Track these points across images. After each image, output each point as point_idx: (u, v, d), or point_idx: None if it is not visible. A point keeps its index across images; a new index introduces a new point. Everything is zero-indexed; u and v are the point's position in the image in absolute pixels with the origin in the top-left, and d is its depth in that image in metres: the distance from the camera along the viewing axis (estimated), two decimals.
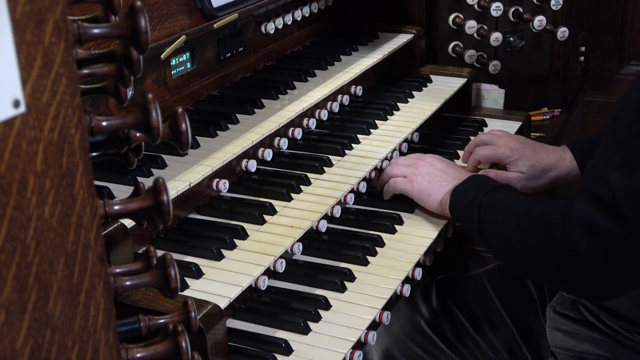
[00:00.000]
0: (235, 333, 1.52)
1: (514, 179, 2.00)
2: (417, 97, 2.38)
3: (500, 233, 1.68)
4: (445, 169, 1.89)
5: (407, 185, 1.89)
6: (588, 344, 1.82)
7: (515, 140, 2.05)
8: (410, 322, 2.14)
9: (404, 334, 2.13)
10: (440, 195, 1.84)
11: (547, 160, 2.00)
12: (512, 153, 2.01)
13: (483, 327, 2.09)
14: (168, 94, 1.91)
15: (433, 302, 2.15)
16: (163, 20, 1.78)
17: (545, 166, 2.00)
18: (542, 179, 2.01)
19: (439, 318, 2.13)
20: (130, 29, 0.91)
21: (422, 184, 1.87)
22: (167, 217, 0.97)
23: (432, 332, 2.10)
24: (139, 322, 1.06)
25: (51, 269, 0.80)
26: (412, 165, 1.92)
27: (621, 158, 1.44)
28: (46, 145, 0.78)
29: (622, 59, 3.38)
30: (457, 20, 2.66)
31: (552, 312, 1.95)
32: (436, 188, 1.86)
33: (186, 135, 0.97)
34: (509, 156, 2.01)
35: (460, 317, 2.10)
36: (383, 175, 1.97)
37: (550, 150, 2.03)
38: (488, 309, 2.10)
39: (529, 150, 2.01)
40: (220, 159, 1.73)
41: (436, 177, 1.87)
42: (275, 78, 2.16)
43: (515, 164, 2.01)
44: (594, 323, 1.83)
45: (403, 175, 1.91)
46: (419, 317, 2.13)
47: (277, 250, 1.62)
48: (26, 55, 0.75)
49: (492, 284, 2.13)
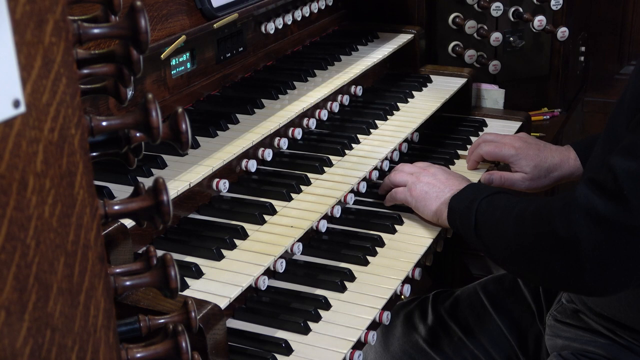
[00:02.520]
0: (235, 333, 1.52)
1: (518, 180, 2.00)
2: (417, 97, 2.38)
3: (497, 230, 1.66)
4: (445, 180, 1.86)
5: (406, 194, 1.88)
6: (591, 347, 1.81)
7: (519, 139, 2.05)
8: (408, 340, 2.13)
9: (404, 353, 2.12)
10: (435, 206, 1.82)
11: (551, 160, 1.99)
12: (516, 152, 2.00)
13: (480, 339, 2.07)
14: (168, 94, 1.91)
15: (429, 318, 2.13)
16: (163, 20, 1.78)
17: (550, 166, 1.99)
18: (547, 179, 2.00)
19: (436, 334, 2.11)
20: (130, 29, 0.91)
21: (420, 194, 1.85)
22: (167, 217, 0.97)
23: (430, 349, 2.09)
24: (139, 322, 1.06)
25: (51, 269, 0.80)
26: (414, 174, 1.90)
27: (624, 144, 1.43)
28: (46, 145, 0.78)
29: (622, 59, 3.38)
30: (457, 20, 2.66)
31: (553, 321, 1.93)
32: (432, 199, 1.83)
33: (186, 135, 0.97)
34: (512, 155, 2.00)
35: (457, 331, 2.09)
36: (386, 180, 1.96)
37: (554, 150, 2.02)
38: (485, 322, 2.09)
39: (532, 150, 2.01)
40: (220, 159, 1.73)
41: (434, 188, 1.85)
42: (275, 78, 2.16)
43: (518, 164, 2.00)
44: (596, 329, 1.81)
45: (404, 183, 1.89)
46: (416, 336, 2.12)
47: (277, 250, 1.62)
48: (26, 55, 0.75)
49: (487, 295, 2.11)
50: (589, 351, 1.81)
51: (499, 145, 2.03)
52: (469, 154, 2.14)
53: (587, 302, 1.82)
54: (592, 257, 1.44)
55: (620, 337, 1.76)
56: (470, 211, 1.71)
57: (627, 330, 1.74)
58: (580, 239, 1.44)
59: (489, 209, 1.69)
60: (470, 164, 2.11)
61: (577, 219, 1.44)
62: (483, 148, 2.07)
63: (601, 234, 1.42)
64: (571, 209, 1.46)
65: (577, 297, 1.86)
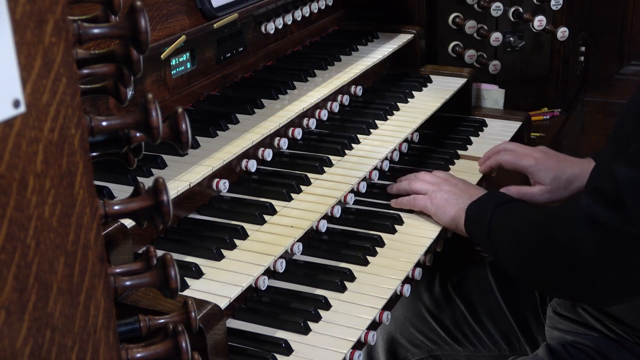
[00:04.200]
0: (235, 333, 1.52)
1: (536, 194, 1.98)
2: (417, 97, 2.38)
3: (506, 236, 1.69)
4: (465, 189, 1.89)
5: (427, 202, 1.89)
6: (582, 340, 1.83)
7: (538, 151, 2.03)
8: (412, 308, 2.16)
9: (406, 319, 2.16)
10: (454, 212, 1.84)
11: (570, 171, 1.97)
12: (536, 162, 1.99)
13: (482, 318, 2.10)
14: (168, 94, 1.91)
15: (435, 290, 2.16)
16: (163, 20, 1.78)
17: (569, 177, 1.97)
18: (566, 190, 1.98)
19: (440, 306, 2.14)
20: (130, 29, 0.91)
21: (440, 201, 1.86)
22: (167, 217, 0.97)
23: (433, 319, 2.12)
24: (139, 322, 1.06)
25: (51, 269, 0.80)
26: (435, 184, 1.91)
27: (627, 154, 1.43)
28: (46, 145, 0.78)
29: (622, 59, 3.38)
30: (457, 20, 2.66)
31: (552, 312, 1.95)
32: (452, 205, 1.85)
33: (186, 135, 0.97)
34: (531, 165, 1.99)
35: (461, 306, 2.11)
36: (403, 184, 1.96)
37: (575, 162, 2.00)
38: (489, 301, 2.11)
39: (552, 161, 1.99)
40: (220, 159, 1.73)
41: (454, 195, 1.86)
42: (275, 78, 2.16)
43: (538, 175, 1.99)
44: (591, 323, 1.83)
45: (425, 191, 1.90)
46: (420, 304, 2.15)
47: (277, 250, 1.61)
48: (26, 55, 0.75)
49: (495, 276, 2.13)
50: (579, 343, 1.82)
51: (518, 155, 2.02)
52: (484, 157, 2.13)
53: None
54: (590, 263, 1.46)
55: (614, 331, 1.78)
56: (485, 216, 1.73)
57: (620, 324, 1.76)
58: (579, 245, 1.45)
59: (503, 215, 1.71)
60: (484, 167, 2.11)
61: (577, 226, 1.46)
62: (502, 156, 2.06)
63: (599, 241, 1.44)
64: (574, 217, 1.47)
65: None
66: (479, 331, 2.09)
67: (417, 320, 2.15)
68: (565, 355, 1.81)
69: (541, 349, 1.87)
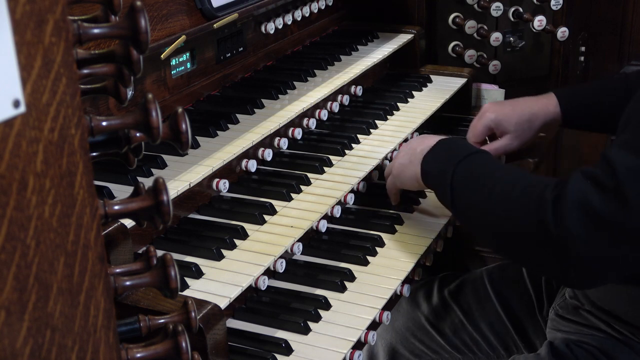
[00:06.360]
0: (235, 333, 1.52)
1: (507, 144, 2.02)
2: (417, 97, 2.38)
3: (478, 209, 1.57)
4: (420, 142, 1.80)
5: (392, 178, 1.86)
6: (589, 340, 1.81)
7: (489, 106, 2.07)
8: (411, 318, 2.16)
9: (406, 329, 2.16)
10: (412, 171, 1.77)
11: (529, 110, 2.01)
12: (494, 116, 2.02)
13: (480, 324, 2.10)
14: (168, 94, 1.91)
15: (434, 299, 2.16)
16: (163, 20, 1.78)
17: (530, 116, 2.01)
18: (531, 130, 2.02)
19: (439, 315, 2.14)
20: (130, 29, 0.91)
21: (399, 167, 1.83)
22: (167, 217, 0.97)
23: (432, 329, 2.13)
24: (139, 322, 1.06)
25: (51, 269, 0.80)
26: (395, 157, 1.88)
27: (625, 138, 1.37)
28: (46, 145, 0.78)
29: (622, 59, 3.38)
30: (457, 20, 2.66)
31: (554, 315, 1.94)
32: (407, 165, 1.79)
33: (186, 135, 0.97)
34: (492, 120, 2.03)
35: (459, 314, 2.11)
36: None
37: (532, 100, 2.04)
38: (486, 307, 2.11)
39: (507, 108, 2.03)
40: (220, 159, 1.73)
41: (407, 155, 1.81)
42: (275, 78, 2.16)
43: (500, 127, 2.03)
44: (594, 324, 1.82)
45: (390, 169, 1.88)
46: (419, 314, 2.15)
47: (277, 250, 1.61)
48: (26, 55, 0.75)
49: (491, 282, 2.13)
50: (583, 342, 1.81)
51: (475, 123, 2.07)
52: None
53: (590, 296, 1.83)
54: (582, 255, 1.38)
55: (618, 331, 1.77)
56: (445, 177, 1.62)
57: (625, 324, 1.75)
58: (573, 236, 1.36)
59: (465, 180, 1.60)
60: None
61: (570, 215, 1.36)
62: (468, 134, 2.10)
63: (595, 233, 1.35)
64: (564, 202, 1.37)
65: (580, 293, 1.87)
66: (478, 337, 2.09)
67: (417, 330, 2.14)
68: (569, 354, 1.80)
69: (544, 347, 1.85)
